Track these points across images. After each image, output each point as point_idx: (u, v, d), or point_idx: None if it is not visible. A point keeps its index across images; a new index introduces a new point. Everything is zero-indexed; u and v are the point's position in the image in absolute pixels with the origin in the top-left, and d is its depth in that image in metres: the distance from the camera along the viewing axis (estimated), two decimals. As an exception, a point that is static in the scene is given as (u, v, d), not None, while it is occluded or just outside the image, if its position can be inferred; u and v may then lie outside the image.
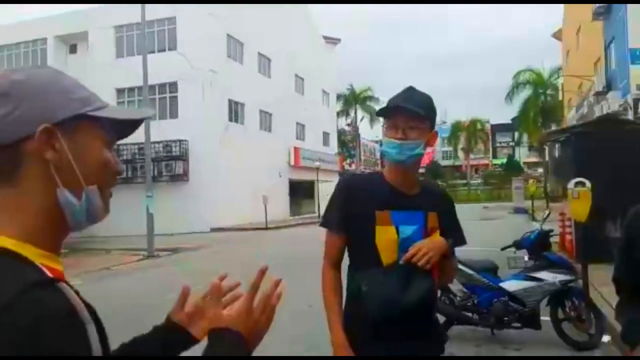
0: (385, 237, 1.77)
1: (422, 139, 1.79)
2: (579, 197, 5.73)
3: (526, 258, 5.15)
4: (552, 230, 5.34)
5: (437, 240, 1.76)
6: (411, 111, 1.76)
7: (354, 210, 1.83)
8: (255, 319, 0.91)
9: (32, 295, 0.62)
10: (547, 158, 37.71)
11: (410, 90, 1.86)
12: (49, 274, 0.70)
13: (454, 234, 1.86)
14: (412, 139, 1.77)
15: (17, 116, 0.72)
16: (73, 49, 28.98)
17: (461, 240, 1.93)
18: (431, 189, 1.96)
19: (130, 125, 0.87)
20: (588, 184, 5.78)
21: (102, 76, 23.59)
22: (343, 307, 1.86)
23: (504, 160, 67.92)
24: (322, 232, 1.97)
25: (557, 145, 37.96)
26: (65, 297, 0.65)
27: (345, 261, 1.90)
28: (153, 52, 21.84)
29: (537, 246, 5.07)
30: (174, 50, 25.34)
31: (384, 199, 1.81)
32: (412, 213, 1.80)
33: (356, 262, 1.84)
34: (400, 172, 1.84)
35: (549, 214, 5.86)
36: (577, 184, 5.86)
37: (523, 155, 66.97)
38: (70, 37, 28.36)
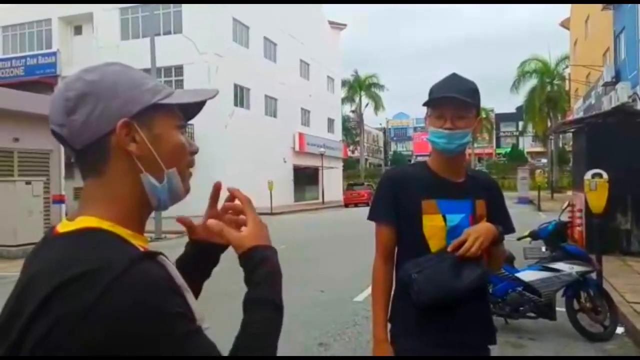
0: (432, 224, 1.76)
1: (469, 128, 1.77)
2: (597, 189, 5.72)
3: (543, 249, 5.16)
4: (570, 222, 5.33)
5: (485, 226, 1.74)
6: (459, 100, 1.73)
7: (400, 201, 1.81)
8: (264, 225, 0.95)
9: (141, 265, 0.70)
10: (552, 148, 37.67)
11: (455, 77, 1.82)
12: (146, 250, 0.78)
13: (502, 221, 1.84)
14: (461, 129, 1.75)
15: (98, 114, 0.78)
16: (78, 31, 28.79)
17: (510, 228, 1.90)
18: (478, 177, 1.93)
19: (196, 107, 0.92)
20: (605, 175, 5.77)
21: (108, 58, 23.19)
22: (391, 300, 1.85)
23: (508, 150, 67.78)
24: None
25: (561, 136, 37.40)
26: (165, 269, 0.74)
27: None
28: (159, 34, 21.64)
29: (555, 237, 5.06)
30: (179, 34, 25.17)
31: (430, 188, 1.80)
32: (459, 201, 1.79)
33: (404, 251, 1.83)
34: (446, 161, 1.82)
35: (567, 205, 5.85)
36: (594, 175, 5.84)
37: (527, 145, 66.83)
38: (75, 18, 28.16)
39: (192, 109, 0.91)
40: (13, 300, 0.74)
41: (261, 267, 0.89)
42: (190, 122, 0.97)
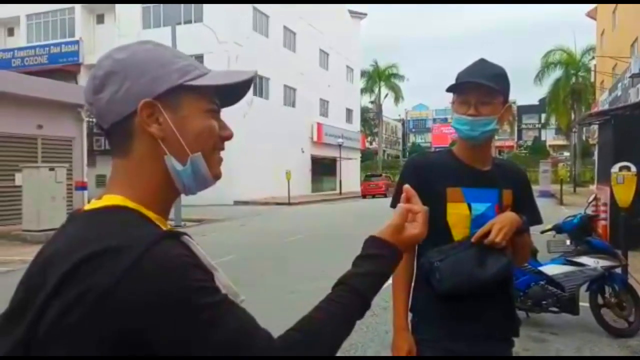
0: (456, 212, 1.72)
1: (495, 115, 1.71)
2: (624, 182, 5.57)
3: (568, 242, 5.05)
4: (597, 216, 5.20)
5: (509, 215, 1.68)
6: (483, 86, 1.67)
7: (424, 189, 1.76)
8: (415, 237, 0.97)
9: (164, 243, 0.69)
10: (575, 141, 36.96)
11: (482, 62, 1.77)
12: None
13: (529, 212, 1.78)
14: (485, 115, 1.69)
15: (123, 93, 0.77)
16: (100, 19, 29.14)
17: (537, 219, 1.84)
18: (506, 166, 1.88)
19: (236, 91, 0.87)
20: (634, 168, 5.61)
21: (129, 47, 23.65)
22: (412, 289, 1.82)
23: (530, 143, 66.72)
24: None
25: (584, 129, 36.61)
26: (189, 248, 0.73)
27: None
28: (179, 23, 21.73)
29: (580, 231, 4.95)
30: (200, 22, 25.25)
31: (455, 175, 1.75)
32: (486, 190, 1.74)
33: (426, 239, 1.78)
34: (472, 149, 1.77)
35: (594, 199, 5.71)
36: (621, 168, 5.68)
37: (549, 137, 65.69)
38: (98, 7, 28.48)
39: (232, 92, 0.86)
40: (34, 275, 0.73)
41: (375, 262, 0.90)
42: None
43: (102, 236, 0.70)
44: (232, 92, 0.86)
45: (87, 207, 0.79)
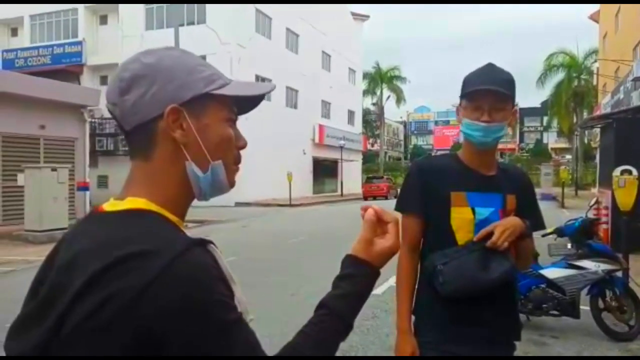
0: (460, 216, 1.73)
1: (506, 120, 1.74)
2: (625, 186, 5.57)
3: (569, 246, 5.05)
4: (598, 219, 5.20)
5: (512, 219, 1.70)
6: (497, 92, 1.69)
7: (428, 192, 1.79)
8: (391, 250, 0.93)
9: (194, 250, 0.71)
10: (577, 144, 36.91)
11: (492, 68, 1.77)
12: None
13: (532, 217, 1.80)
14: (498, 121, 1.71)
15: (150, 97, 0.78)
16: (104, 20, 29.22)
17: (540, 224, 1.85)
18: (510, 171, 1.89)
19: (251, 102, 0.90)
20: (635, 172, 5.61)
21: (132, 48, 23.70)
22: (415, 292, 1.83)
23: (532, 145, 66.62)
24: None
25: (587, 132, 36.47)
26: (214, 257, 0.75)
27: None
28: (182, 24, 21.81)
29: (581, 234, 4.95)
30: (203, 24, 25.30)
31: (460, 180, 1.77)
32: (490, 195, 1.75)
33: (430, 242, 1.80)
34: (479, 154, 1.78)
35: (596, 202, 5.71)
36: (623, 171, 5.69)
37: (551, 140, 65.62)
38: (101, 8, 28.54)
39: (247, 103, 0.89)
40: (56, 275, 0.73)
41: (352, 282, 0.88)
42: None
43: (132, 239, 0.71)
44: (247, 101, 0.89)
45: (108, 207, 0.79)
